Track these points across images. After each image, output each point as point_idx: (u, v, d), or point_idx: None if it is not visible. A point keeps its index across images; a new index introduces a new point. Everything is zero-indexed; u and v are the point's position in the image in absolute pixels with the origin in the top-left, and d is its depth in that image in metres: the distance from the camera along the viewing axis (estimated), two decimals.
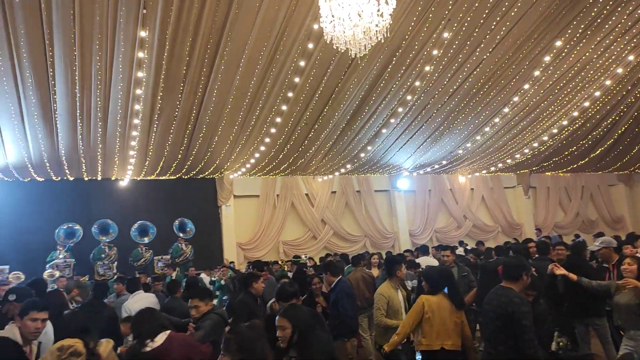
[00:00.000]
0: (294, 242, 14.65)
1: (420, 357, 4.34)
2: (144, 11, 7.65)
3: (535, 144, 15.37)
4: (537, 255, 6.70)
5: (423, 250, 8.42)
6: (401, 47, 10.23)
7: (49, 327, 3.90)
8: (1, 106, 8.79)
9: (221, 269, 10.49)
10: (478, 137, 14.35)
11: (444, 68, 11.05)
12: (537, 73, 11.83)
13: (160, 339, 3.34)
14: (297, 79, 10.22)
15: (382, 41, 7.41)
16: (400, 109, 12.08)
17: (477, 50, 10.75)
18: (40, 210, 11.35)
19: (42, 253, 10.69)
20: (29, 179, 11.33)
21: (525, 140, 15.08)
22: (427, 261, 8.22)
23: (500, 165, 16.73)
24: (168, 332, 3.41)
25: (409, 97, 11.70)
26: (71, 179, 11.81)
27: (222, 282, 9.26)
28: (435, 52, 10.39)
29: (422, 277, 4.69)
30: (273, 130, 11.61)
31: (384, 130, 12.86)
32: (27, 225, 11.02)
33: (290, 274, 8.30)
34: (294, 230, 14.81)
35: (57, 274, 9.89)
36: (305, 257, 10.38)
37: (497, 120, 13.60)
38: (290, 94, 10.56)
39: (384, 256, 9.91)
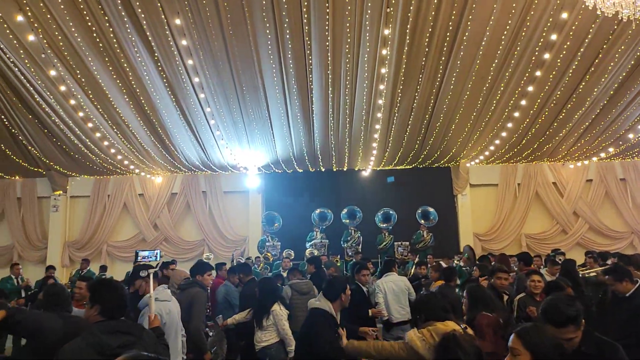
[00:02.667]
0: (539, 236, 13.34)
1: None
2: (388, 10, 8.03)
3: None
4: None
5: None
6: None
7: (174, 304, 3.88)
8: (274, 111, 10.59)
9: (461, 258, 10.39)
10: None
11: None
12: None
13: None
14: (546, 55, 9.17)
15: None
16: None
17: None
18: (300, 196, 13.31)
19: (302, 233, 12.55)
20: (292, 170, 13.37)
21: None
22: None
23: None
24: None
25: None
26: (323, 169, 13.44)
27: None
28: None
29: None
30: (516, 114, 10.74)
31: None
32: (291, 209, 13.06)
33: None
34: (538, 222, 13.49)
35: (316, 252, 11.45)
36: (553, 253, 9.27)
37: None
38: (537, 73, 9.57)
39: None
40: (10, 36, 8.58)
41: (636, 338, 3.99)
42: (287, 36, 8.58)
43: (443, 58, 9.37)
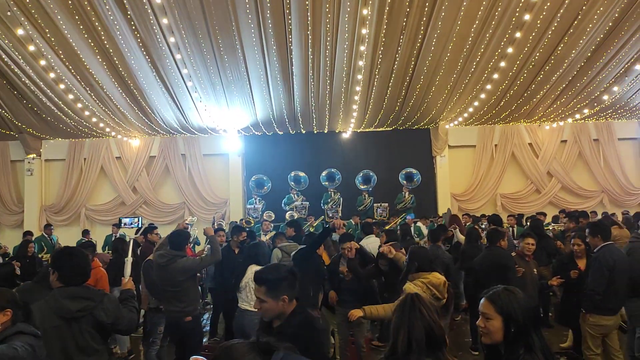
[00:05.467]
0: (514, 196, 13.76)
1: None
2: None
3: None
4: None
5: None
6: None
7: None
8: (253, 72, 10.39)
9: (435, 218, 10.66)
10: None
11: None
12: None
13: None
14: (526, 17, 9.14)
15: None
16: None
17: None
18: (281, 159, 13.27)
19: (283, 196, 12.61)
20: (272, 132, 13.29)
21: None
22: None
23: None
24: None
25: None
26: (304, 132, 13.39)
27: None
28: None
29: None
30: (495, 75, 10.80)
31: (637, 67, 10.62)
32: (271, 171, 13.02)
33: None
34: (514, 182, 13.87)
35: (296, 215, 11.57)
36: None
37: None
38: (517, 35, 9.56)
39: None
40: None
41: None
42: None
43: (424, 18, 9.26)
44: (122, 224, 4.71)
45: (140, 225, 4.91)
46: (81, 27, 9.02)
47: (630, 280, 4.57)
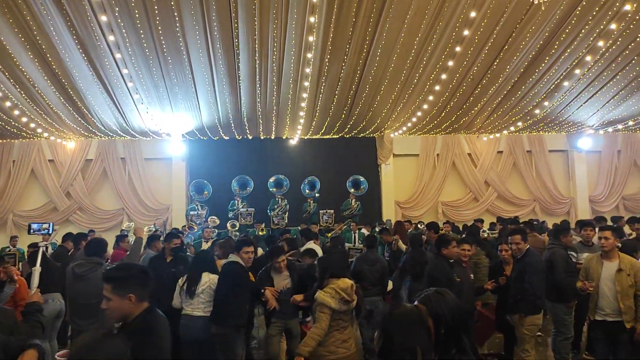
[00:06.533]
0: (454, 203, 14.26)
1: None
2: None
3: None
4: None
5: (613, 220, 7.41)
6: None
7: None
8: (198, 75, 10.15)
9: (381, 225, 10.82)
10: None
11: None
12: None
13: None
14: (465, 32, 9.56)
15: None
16: (588, 58, 10.47)
17: None
18: (226, 164, 13.02)
19: (228, 202, 12.34)
20: (218, 137, 13.02)
21: None
22: None
23: None
24: None
25: (600, 43, 10.04)
26: (250, 137, 13.23)
27: None
28: None
29: None
30: (437, 87, 11.19)
31: (565, 83, 11.37)
32: (216, 177, 12.72)
33: None
34: (454, 190, 14.39)
35: (238, 223, 11.32)
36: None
37: None
38: (457, 49, 9.98)
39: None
40: None
41: (521, 293, 4.56)
42: None
43: (370, 29, 9.45)
44: (31, 230, 4.32)
45: (50, 232, 4.49)
46: (11, 20, 8.45)
47: (554, 285, 4.84)
